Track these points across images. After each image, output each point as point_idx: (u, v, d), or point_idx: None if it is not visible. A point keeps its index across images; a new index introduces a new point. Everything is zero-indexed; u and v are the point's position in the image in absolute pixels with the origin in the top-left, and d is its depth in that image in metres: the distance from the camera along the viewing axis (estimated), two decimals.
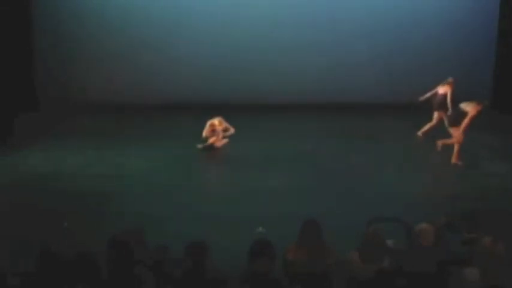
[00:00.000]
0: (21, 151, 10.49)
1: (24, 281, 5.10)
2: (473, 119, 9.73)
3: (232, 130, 10.74)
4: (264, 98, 12.56)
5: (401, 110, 12.10)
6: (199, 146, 10.46)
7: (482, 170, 9.80)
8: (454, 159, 9.92)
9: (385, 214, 7.49)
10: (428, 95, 11.24)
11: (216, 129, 10.54)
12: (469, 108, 9.80)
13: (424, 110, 12.03)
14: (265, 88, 12.60)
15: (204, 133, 10.50)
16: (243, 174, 9.62)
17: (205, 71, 12.56)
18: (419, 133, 11.33)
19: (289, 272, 5.54)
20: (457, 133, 9.86)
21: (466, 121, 9.74)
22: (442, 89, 11.13)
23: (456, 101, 12.43)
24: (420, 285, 5.29)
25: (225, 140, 10.68)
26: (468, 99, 9.91)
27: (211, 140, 10.51)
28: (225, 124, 10.70)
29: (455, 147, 9.91)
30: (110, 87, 12.69)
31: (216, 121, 10.62)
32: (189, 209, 8.43)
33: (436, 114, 11.23)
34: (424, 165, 9.98)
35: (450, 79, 11.13)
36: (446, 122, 10.47)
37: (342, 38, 12.70)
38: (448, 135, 10.14)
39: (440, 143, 10.35)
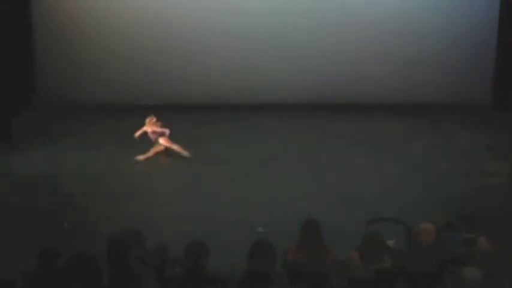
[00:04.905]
0: (21, 151, 10.48)
1: (24, 281, 5.10)
2: None
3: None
4: (264, 98, 12.54)
5: (402, 110, 12.09)
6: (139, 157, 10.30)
7: (482, 170, 9.79)
8: None
9: (385, 214, 7.51)
10: None
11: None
12: None
13: (424, 110, 12.04)
14: (264, 88, 12.58)
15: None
16: (243, 174, 9.62)
17: (205, 71, 12.54)
18: None
19: (289, 272, 5.55)
20: None
21: None
22: None
23: (456, 100, 12.46)
24: (420, 285, 5.30)
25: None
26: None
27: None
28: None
29: None
30: (110, 88, 12.66)
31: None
32: (189, 209, 8.44)
33: None
34: (424, 165, 9.98)
35: None
36: None
37: (342, 39, 12.68)
38: None
39: None
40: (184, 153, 10.25)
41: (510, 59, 12.28)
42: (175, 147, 10.28)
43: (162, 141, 10.28)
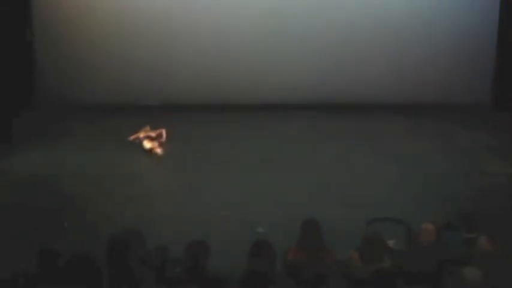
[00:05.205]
0: (21, 151, 10.48)
1: (24, 281, 5.10)
2: None
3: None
4: (264, 98, 12.54)
5: (402, 110, 12.09)
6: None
7: (482, 170, 9.79)
8: None
9: (385, 214, 7.51)
10: None
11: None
12: None
13: (424, 110, 12.04)
14: (264, 88, 12.58)
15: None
16: (243, 174, 9.62)
17: (205, 71, 12.53)
18: None
19: (289, 272, 5.56)
20: None
21: None
22: None
23: (456, 100, 12.46)
24: (420, 285, 5.31)
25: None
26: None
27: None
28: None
29: None
30: (110, 88, 12.66)
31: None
32: (189, 210, 8.44)
33: None
34: (424, 165, 9.98)
35: None
36: None
37: (342, 39, 12.68)
38: None
39: None
40: (157, 150, 10.30)
41: (510, 59, 12.28)
42: (150, 145, 10.34)
43: (145, 143, 10.32)
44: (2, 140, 10.57)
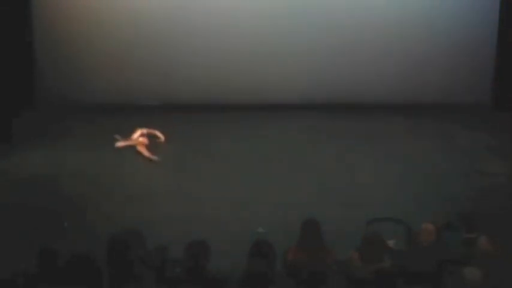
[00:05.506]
0: (21, 151, 10.48)
1: (24, 281, 5.11)
2: None
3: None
4: (264, 98, 12.53)
5: (402, 110, 12.09)
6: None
7: (482, 170, 9.80)
8: None
9: (385, 214, 7.52)
10: None
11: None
12: None
13: (424, 110, 12.04)
14: (264, 88, 12.57)
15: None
16: (243, 175, 9.62)
17: (205, 71, 12.53)
18: None
19: (289, 272, 5.56)
20: None
21: None
22: None
23: (456, 100, 12.46)
24: (420, 285, 5.31)
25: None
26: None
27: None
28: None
29: None
30: (110, 88, 12.66)
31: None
32: (189, 210, 8.44)
33: None
34: (424, 165, 9.98)
35: None
36: None
37: (342, 38, 12.68)
38: None
39: None
40: (149, 155, 10.30)
41: (510, 59, 12.28)
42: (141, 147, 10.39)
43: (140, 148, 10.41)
44: (2, 140, 10.57)
